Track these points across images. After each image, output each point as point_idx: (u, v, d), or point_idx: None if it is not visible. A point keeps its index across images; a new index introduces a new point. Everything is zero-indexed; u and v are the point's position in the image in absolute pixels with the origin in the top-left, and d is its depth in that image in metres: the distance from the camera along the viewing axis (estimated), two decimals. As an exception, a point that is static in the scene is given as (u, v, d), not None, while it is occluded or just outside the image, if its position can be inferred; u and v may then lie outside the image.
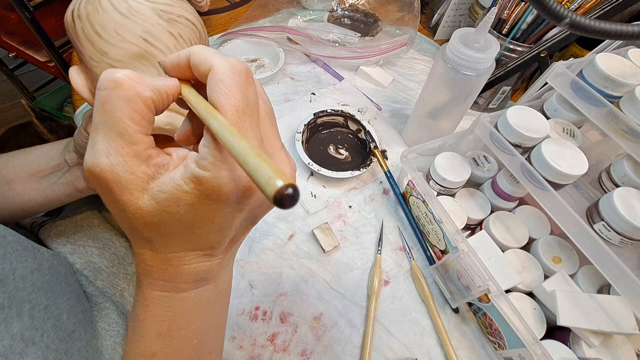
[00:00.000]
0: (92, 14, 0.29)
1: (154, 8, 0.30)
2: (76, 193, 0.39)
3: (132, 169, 0.16)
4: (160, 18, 0.31)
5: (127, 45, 0.30)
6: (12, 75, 1.23)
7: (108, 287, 0.41)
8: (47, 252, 0.35)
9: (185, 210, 0.17)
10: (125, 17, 0.29)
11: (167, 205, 0.17)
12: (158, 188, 0.17)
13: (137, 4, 0.30)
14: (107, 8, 0.29)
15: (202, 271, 0.21)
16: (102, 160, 0.16)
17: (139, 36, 0.30)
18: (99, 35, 0.29)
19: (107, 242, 0.45)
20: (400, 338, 0.38)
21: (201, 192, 0.16)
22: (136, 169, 0.16)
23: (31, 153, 0.38)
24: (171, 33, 0.31)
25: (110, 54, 0.30)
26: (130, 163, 0.16)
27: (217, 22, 0.71)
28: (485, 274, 0.34)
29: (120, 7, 0.29)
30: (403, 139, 0.55)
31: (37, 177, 0.37)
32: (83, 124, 0.35)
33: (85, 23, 0.29)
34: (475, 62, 0.39)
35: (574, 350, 0.33)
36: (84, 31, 0.29)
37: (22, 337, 0.27)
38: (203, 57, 0.17)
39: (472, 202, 0.44)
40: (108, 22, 0.29)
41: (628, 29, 0.25)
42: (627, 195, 0.34)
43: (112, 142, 0.16)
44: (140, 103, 0.16)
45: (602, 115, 0.36)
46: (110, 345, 0.35)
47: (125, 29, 0.29)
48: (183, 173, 0.16)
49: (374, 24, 0.67)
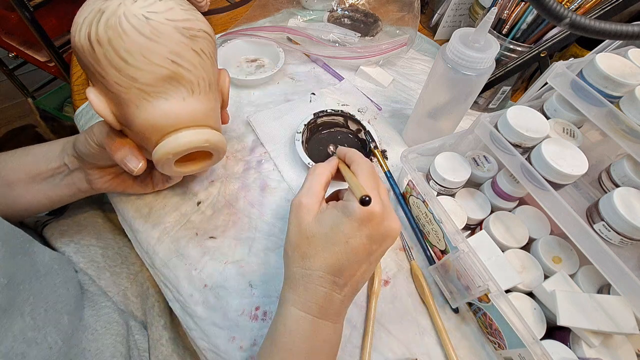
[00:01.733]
0: (115, 39, 0.27)
1: (176, 26, 0.29)
2: (79, 193, 0.40)
3: (314, 201, 0.30)
4: (182, 36, 0.30)
5: (156, 68, 0.29)
6: (12, 75, 1.23)
7: (111, 287, 0.41)
8: (49, 255, 0.35)
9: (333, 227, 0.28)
10: (150, 40, 0.28)
11: (325, 222, 0.28)
12: (322, 215, 0.29)
13: (160, 25, 0.28)
14: (131, 32, 0.27)
15: (332, 300, 0.29)
16: (305, 200, 0.30)
17: (167, 58, 0.29)
18: (125, 61, 0.28)
19: (111, 242, 0.45)
20: (400, 338, 0.38)
21: (345, 214, 0.28)
22: (316, 202, 0.30)
23: (29, 154, 0.38)
24: (194, 50, 0.31)
25: (140, 79, 0.29)
26: (314, 199, 0.30)
27: (217, 22, 0.71)
28: (485, 274, 0.34)
29: (143, 30, 0.28)
30: (403, 139, 0.55)
31: (37, 179, 0.37)
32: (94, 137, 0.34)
33: (107, 49, 0.28)
34: (475, 62, 0.39)
35: (574, 350, 0.33)
36: (108, 57, 0.28)
37: (25, 337, 0.27)
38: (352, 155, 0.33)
39: (472, 202, 0.44)
40: (133, 46, 0.28)
41: (628, 29, 0.25)
42: (627, 195, 0.34)
43: (310, 190, 0.30)
44: (328, 177, 0.32)
45: (602, 115, 0.36)
46: (112, 344, 0.35)
47: (151, 52, 0.28)
48: (336, 205, 0.29)
49: (374, 24, 0.67)
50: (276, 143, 0.51)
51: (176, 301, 0.39)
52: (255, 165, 0.49)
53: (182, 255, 0.41)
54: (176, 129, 0.32)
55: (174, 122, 0.32)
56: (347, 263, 0.28)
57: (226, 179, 0.48)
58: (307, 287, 0.28)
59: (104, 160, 0.37)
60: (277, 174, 0.49)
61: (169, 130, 0.32)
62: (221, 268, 0.40)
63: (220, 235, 0.43)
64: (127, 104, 0.30)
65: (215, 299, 0.39)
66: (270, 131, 0.52)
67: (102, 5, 0.28)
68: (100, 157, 0.36)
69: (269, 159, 0.50)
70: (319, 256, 0.28)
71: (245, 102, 0.57)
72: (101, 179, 0.39)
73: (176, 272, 0.40)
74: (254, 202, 0.46)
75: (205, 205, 0.45)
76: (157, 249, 0.41)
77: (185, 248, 0.41)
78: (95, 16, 0.28)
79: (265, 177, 0.48)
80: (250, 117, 0.53)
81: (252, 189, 0.47)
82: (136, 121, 0.31)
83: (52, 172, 0.38)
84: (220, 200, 0.46)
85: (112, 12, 0.27)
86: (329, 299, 0.29)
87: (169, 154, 0.32)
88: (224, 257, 0.41)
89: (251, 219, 0.44)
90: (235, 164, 0.49)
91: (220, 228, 0.43)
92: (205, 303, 0.38)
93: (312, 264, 0.28)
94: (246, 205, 0.46)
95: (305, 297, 0.28)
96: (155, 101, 0.30)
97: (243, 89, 0.59)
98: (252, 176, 0.48)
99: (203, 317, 0.38)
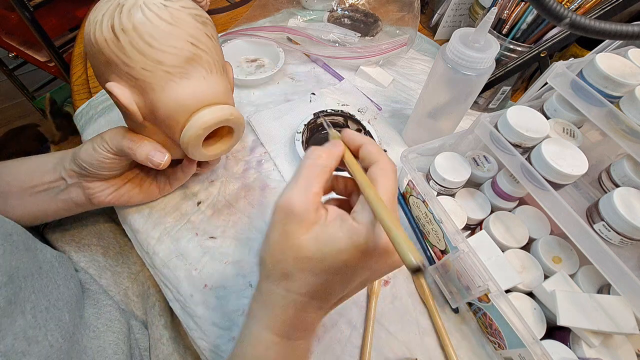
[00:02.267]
0: (140, 25, 0.30)
1: (190, 13, 0.32)
2: (76, 208, 0.39)
3: (309, 208, 0.22)
4: (196, 22, 0.33)
5: (179, 51, 0.31)
6: (12, 75, 1.23)
7: (112, 286, 0.41)
8: (50, 253, 0.35)
9: (333, 253, 0.22)
10: (172, 24, 0.31)
11: (324, 244, 0.22)
12: (321, 231, 0.22)
13: (177, 11, 0.31)
14: (153, 18, 0.30)
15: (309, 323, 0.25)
16: (295, 200, 0.22)
17: (187, 41, 0.32)
18: (150, 45, 0.30)
19: (112, 242, 0.45)
20: (400, 338, 0.38)
21: (352, 242, 0.21)
22: (312, 209, 0.22)
23: (24, 165, 0.38)
24: (207, 34, 0.34)
25: (166, 61, 0.31)
26: (310, 205, 0.22)
27: (217, 22, 0.71)
28: (485, 274, 0.34)
29: (164, 15, 0.30)
30: (403, 139, 0.55)
31: (32, 191, 0.37)
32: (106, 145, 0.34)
33: (133, 36, 0.30)
34: (475, 62, 0.39)
35: (574, 350, 0.33)
36: (133, 44, 0.30)
37: (25, 335, 0.27)
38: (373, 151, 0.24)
39: (472, 202, 0.44)
40: (157, 31, 0.30)
41: (628, 29, 0.25)
42: (627, 195, 0.34)
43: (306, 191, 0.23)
44: (328, 173, 0.24)
45: (602, 115, 0.36)
46: (113, 341, 0.36)
47: (173, 35, 0.31)
48: (341, 224, 0.22)
49: (374, 24, 0.67)
50: (276, 143, 0.51)
51: (176, 301, 0.39)
52: (255, 166, 0.49)
53: (182, 255, 0.41)
54: (202, 106, 0.34)
55: (201, 98, 0.34)
56: (340, 291, 0.24)
57: (226, 179, 0.48)
58: (286, 311, 0.24)
59: (112, 169, 0.36)
60: (277, 174, 0.49)
61: (195, 108, 0.34)
62: (221, 268, 0.40)
63: (221, 236, 0.43)
64: (153, 88, 0.32)
65: (216, 299, 0.39)
66: (270, 131, 0.52)
67: (120, 0, 0.30)
68: (109, 166, 0.35)
69: (269, 159, 0.50)
70: (308, 281, 0.23)
71: (245, 102, 0.57)
72: (102, 193, 0.38)
73: (176, 272, 0.40)
74: (254, 202, 0.46)
75: (205, 206, 0.45)
76: (157, 249, 0.41)
77: (185, 248, 0.41)
78: (115, 9, 0.30)
79: (265, 177, 0.48)
80: (250, 117, 0.53)
81: (252, 189, 0.47)
82: (162, 104, 0.32)
83: (48, 186, 0.37)
84: (220, 201, 0.46)
85: (132, 3, 0.30)
86: (311, 322, 0.25)
87: (200, 129, 0.34)
88: (224, 257, 0.41)
89: (251, 219, 0.44)
90: (235, 164, 0.49)
91: (220, 228, 0.43)
92: (206, 303, 0.38)
93: (297, 287, 0.23)
94: (246, 206, 0.46)
95: (282, 319, 0.24)
96: (180, 81, 0.32)
97: (243, 89, 0.59)
98: (252, 176, 0.48)
99: (203, 317, 0.38)
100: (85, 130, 0.52)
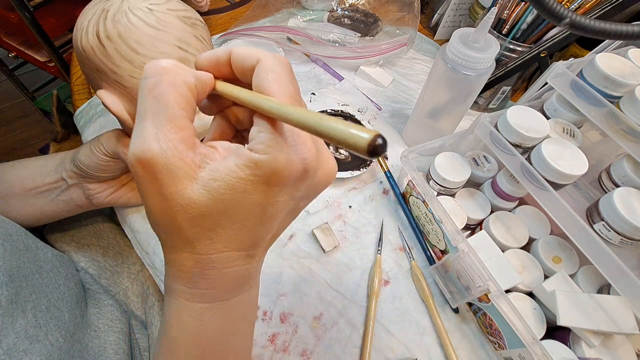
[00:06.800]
0: (125, 32, 0.29)
1: (178, 15, 0.31)
2: (76, 209, 0.39)
3: (181, 155, 0.16)
4: (184, 24, 0.31)
5: (166, 56, 0.30)
6: (12, 75, 1.23)
7: (112, 286, 0.41)
8: (51, 253, 0.35)
9: (239, 199, 0.17)
10: (157, 29, 0.30)
11: (221, 193, 0.16)
12: (210, 176, 0.16)
13: (163, 15, 0.30)
14: (138, 24, 0.29)
15: (242, 276, 0.20)
16: (153, 146, 0.15)
17: (174, 45, 0.31)
18: (136, 52, 0.29)
19: (112, 242, 0.45)
20: (400, 338, 0.38)
21: (259, 178, 0.16)
22: (185, 155, 0.16)
23: (25, 167, 0.38)
24: (196, 36, 0.32)
25: None
26: (179, 148, 0.16)
27: (217, 22, 0.71)
28: (485, 274, 0.34)
29: (149, 20, 0.29)
30: (403, 139, 0.55)
31: (33, 192, 0.37)
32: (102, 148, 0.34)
33: (118, 43, 0.29)
34: (475, 62, 0.39)
35: (574, 350, 0.33)
36: (119, 51, 0.29)
37: (27, 334, 0.27)
38: (247, 52, 0.18)
39: (472, 202, 0.44)
40: (142, 37, 0.29)
41: (628, 29, 0.25)
42: (627, 195, 0.34)
43: (161, 128, 0.16)
44: (185, 88, 0.17)
45: (602, 115, 0.36)
46: (114, 341, 0.36)
47: (159, 40, 0.30)
48: (236, 160, 0.16)
49: (374, 24, 0.67)
50: (276, 143, 0.51)
51: (176, 301, 0.39)
52: (255, 165, 0.49)
53: (182, 255, 0.41)
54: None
55: None
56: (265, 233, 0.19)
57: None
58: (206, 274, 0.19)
59: (109, 171, 0.36)
60: (277, 174, 0.49)
61: None
62: (221, 268, 0.40)
63: (220, 235, 0.43)
64: None
65: (215, 299, 0.39)
66: (270, 131, 0.52)
67: (105, 5, 0.29)
68: (107, 168, 0.36)
69: (269, 159, 0.50)
70: (221, 236, 0.18)
71: (245, 102, 0.57)
72: (102, 194, 0.38)
73: (176, 272, 0.40)
74: (254, 202, 0.46)
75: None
76: (157, 250, 0.41)
77: (185, 248, 0.41)
78: (100, 15, 0.29)
79: (265, 177, 0.48)
80: (250, 117, 0.53)
81: (252, 189, 0.47)
82: None
83: (49, 187, 0.37)
84: (220, 200, 0.46)
85: (116, 9, 0.29)
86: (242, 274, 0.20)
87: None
88: (224, 257, 0.41)
89: (251, 219, 0.44)
90: (235, 164, 0.49)
91: (220, 228, 0.43)
92: (205, 303, 0.38)
93: (209, 247, 0.18)
94: (246, 205, 0.45)
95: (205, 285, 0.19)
96: None
97: (243, 89, 0.59)
98: (252, 176, 0.48)
99: (203, 317, 0.38)
100: (85, 131, 0.52)
